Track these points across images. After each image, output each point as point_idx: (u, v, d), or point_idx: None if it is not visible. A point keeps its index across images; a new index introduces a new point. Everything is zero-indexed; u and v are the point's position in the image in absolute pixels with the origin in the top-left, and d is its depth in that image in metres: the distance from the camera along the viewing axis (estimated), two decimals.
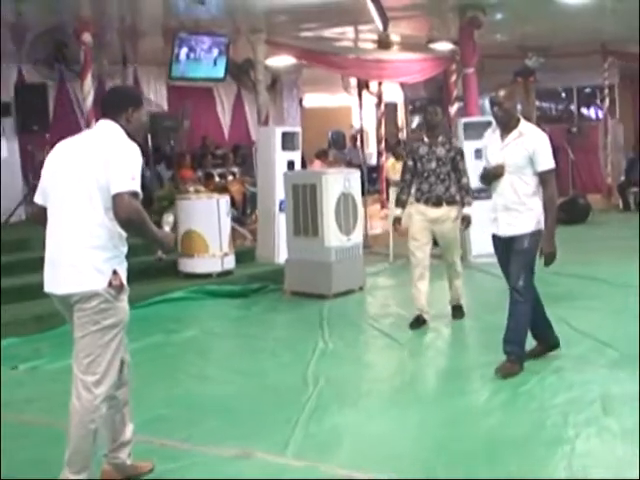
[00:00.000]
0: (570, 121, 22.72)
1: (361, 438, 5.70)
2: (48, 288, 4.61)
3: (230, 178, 15.97)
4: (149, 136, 15.00)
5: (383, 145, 17.76)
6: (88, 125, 10.94)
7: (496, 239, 6.89)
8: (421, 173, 8.50)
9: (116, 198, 4.32)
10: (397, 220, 8.69)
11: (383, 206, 17.55)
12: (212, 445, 5.54)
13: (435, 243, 8.84)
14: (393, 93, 22.28)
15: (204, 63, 14.92)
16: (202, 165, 16.83)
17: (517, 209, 6.64)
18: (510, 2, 13.71)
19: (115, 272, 4.47)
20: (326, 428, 5.82)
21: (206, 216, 11.18)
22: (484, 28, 15.85)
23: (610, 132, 20.89)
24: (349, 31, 16.56)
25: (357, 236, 10.95)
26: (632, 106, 22.47)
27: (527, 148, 6.58)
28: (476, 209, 12.92)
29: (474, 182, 8.34)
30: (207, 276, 11.15)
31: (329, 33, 16.61)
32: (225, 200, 11.44)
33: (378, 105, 17.52)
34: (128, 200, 4.31)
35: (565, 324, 8.21)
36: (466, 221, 8.52)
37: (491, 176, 6.79)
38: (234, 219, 12.74)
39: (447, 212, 8.52)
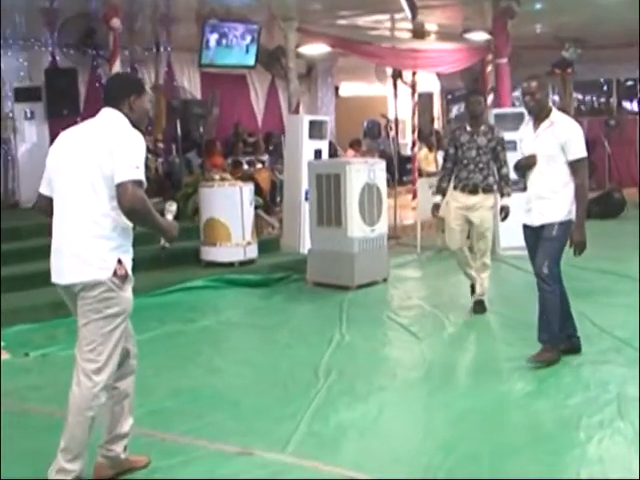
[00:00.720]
0: (609, 113, 22.22)
1: (368, 436, 5.48)
2: (54, 278, 4.55)
3: (259, 166, 15.71)
4: (178, 123, 14.84)
5: (416, 135, 17.46)
6: None
7: (527, 229, 6.78)
8: (461, 160, 8.46)
9: (120, 187, 4.26)
10: (436, 207, 8.64)
11: (415, 197, 17.24)
12: (212, 440, 5.35)
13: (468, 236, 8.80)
14: (429, 83, 21.95)
15: (235, 50, 14.74)
16: (233, 152, 16.64)
17: (549, 197, 6.56)
18: None
19: (120, 261, 4.41)
20: (332, 425, 5.60)
21: (229, 204, 10.96)
22: (520, 19, 15.60)
23: None
24: (384, 20, 16.34)
25: (382, 227, 10.71)
26: None
27: (558, 137, 6.51)
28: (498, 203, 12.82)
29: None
30: (229, 265, 10.95)
31: (363, 22, 16.40)
32: (249, 188, 11.21)
33: (412, 95, 17.24)
34: (132, 189, 4.24)
35: (587, 320, 7.96)
36: (505, 211, 8.40)
37: (524, 166, 6.75)
38: (261, 207, 12.54)
39: (483, 200, 8.47)
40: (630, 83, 22.39)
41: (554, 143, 6.51)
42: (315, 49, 17.32)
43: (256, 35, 14.84)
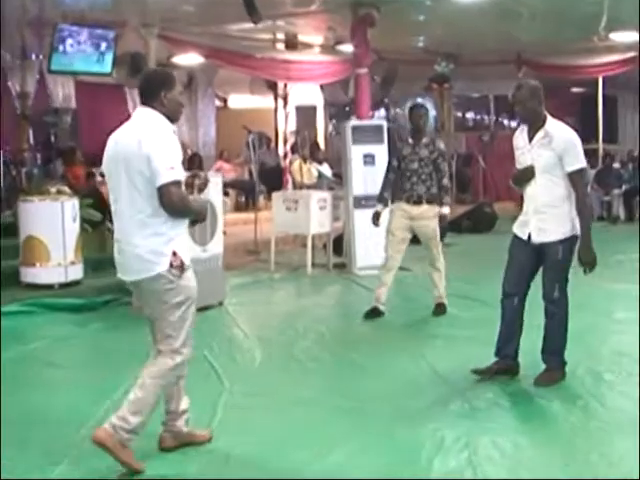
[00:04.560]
0: (485, 129, 21.11)
1: None
2: (120, 275, 4.63)
3: None
4: (31, 131, 13.12)
5: (289, 147, 16.08)
6: None
7: (519, 242, 6.05)
8: (404, 173, 8.27)
9: (160, 191, 4.35)
10: (376, 215, 8.52)
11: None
12: None
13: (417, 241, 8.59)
14: (312, 96, 20.49)
15: (89, 56, 12.95)
16: (98, 163, 14.86)
17: (548, 212, 5.86)
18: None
19: (174, 253, 4.45)
20: None
21: (48, 221, 9.21)
22: (396, 32, 14.31)
23: None
24: (256, 29, 14.85)
25: (215, 246, 9.10)
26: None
27: (554, 148, 5.77)
28: (359, 219, 11.37)
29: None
30: (49, 287, 9.22)
31: (238, 31, 14.90)
32: (72, 203, 9.44)
33: (284, 107, 15.86)
34: (172, 191, 4.35)
35: (425, 363, 6.64)
36: (443, 220, 8.31)
37: (520, 179, 6.05)
38: (99, 223, 10.83)
39: (427, 210, 8.23)
40: (505, 99, 21.28)
41: (550, 154, 5.78)
42: (189, 59, 15.81)
43: (112, 41, 13.06)
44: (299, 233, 11.86)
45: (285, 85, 15.65)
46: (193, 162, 15.45)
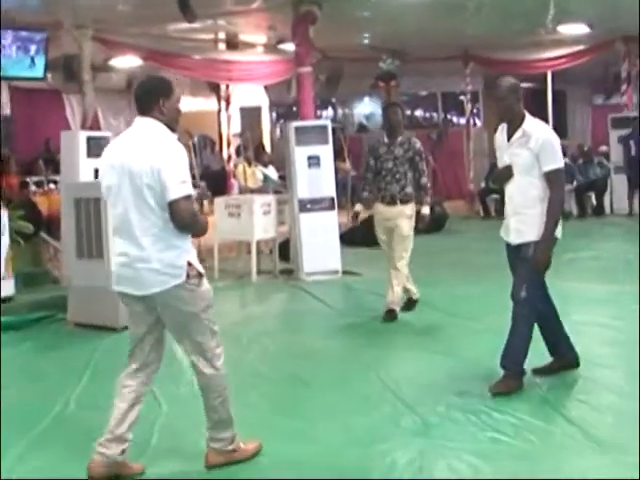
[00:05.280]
0: (434, 127, 20.95)
1: None
2: (124, 288, 4.53)
3: (52, 187, 13.43)
4: None
5: (233, 149, 15.74)
6: None
7: (507, 247, 5.98)
8: (379, 172, 8.20)
9: (172, 206, 4.30)
10: (355, 215, 8.65)
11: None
12: None
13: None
14: (257, 97, 20.14)
15: (17, 60, 12.46)
16: (33, 172, 14.41)
17: (525, 213, 5.74)
18: None
19: (190, 264, 4.41)
20: None
21: None
22: (340, 29, 14.07)
23: (473, 138, 19.15)
24: (196, 29, 14.53)
25: None
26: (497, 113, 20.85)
27: (531, 147, 5.65)
28: (305, 223, 11.10)
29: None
30: None
31: (177, 32, 14.56)
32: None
33: (226, 109, 15.52)
34: (181, 207, 4.30)
35: (374, 374, 6.36)
36: (423, 220, 8.25)
37: (499, 179, 5.99)
38: (31, 235, 10.43)
39: (401, 210, 8.11)
40: (453, 96, 21.17)
41: (527, 154, 5.66)
42: (128, 62, 15.43)
43: (42, 44, 12.60)
44: (243, 239, 11.55)
45: (227, 86, 15.28)
46: None
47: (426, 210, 8.27)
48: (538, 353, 6.20)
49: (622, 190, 17.32)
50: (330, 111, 23.25)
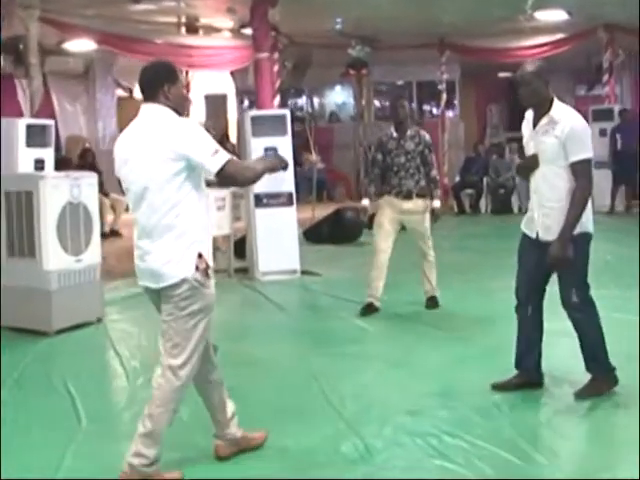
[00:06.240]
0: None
1: None
2: (143, 281, 4.46)
3: None
4: None
5: None
6: None
7: (525, 239, 5.67)
8: (390, 167, 8.15)
9: (221, 174, 4.23)
10: (363, 210, 8.69)
11: None
12: None
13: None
14: (222, 84, 19.64)
15: None
16: None
17: (553, 207, 5.40)
18: None
19: (200, 255, 4.31)
20: None
21: None
22: (307, 13, 13.61)
23: (448, 129, 18.69)
24: (155, 11, 14.07)
25: (92, 256, 8.24)
26: (474, 103, 20.44)
27: (558, 135, 5.33)
28: (261, 219, 10.62)
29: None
30: None
31: (135, 14, 14.06)
32: None
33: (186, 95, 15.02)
34: (230, 172, 4.25)
35: (317, 387, 5.93)
36: (435, 214, 8.24)
37: (523, 169, 5.76)
38: None
39: (417, 204, 8.14)
40: (428, 86, 20.69)
41: (554, 141, 5.35)
42: (82, 45, 14.90)
43: None
44: None
45: (186, 72, 14.78)
46: (85, 158, 14.59)
47: (437, 204, 8.24)
48: (500, 368, 5.81)
49: (603, 186, 16.71)
50: (304, 99, 22.80)
